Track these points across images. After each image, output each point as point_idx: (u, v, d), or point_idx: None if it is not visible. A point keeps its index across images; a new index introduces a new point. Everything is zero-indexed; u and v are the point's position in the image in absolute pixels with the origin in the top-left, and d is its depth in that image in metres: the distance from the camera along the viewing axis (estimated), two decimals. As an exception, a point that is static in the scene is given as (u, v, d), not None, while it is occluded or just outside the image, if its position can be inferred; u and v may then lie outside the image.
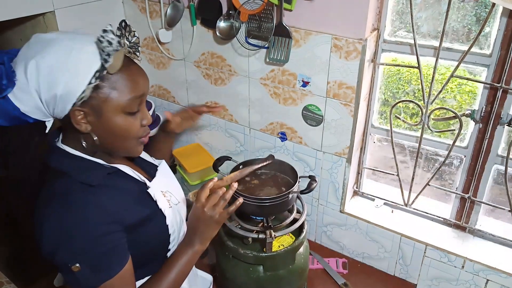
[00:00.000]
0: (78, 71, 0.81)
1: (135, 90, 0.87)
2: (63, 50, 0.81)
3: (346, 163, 1.57)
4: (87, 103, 0.84)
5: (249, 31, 1.53)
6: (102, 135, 0.89)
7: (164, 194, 1.03)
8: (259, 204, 1.32)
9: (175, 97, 1.97)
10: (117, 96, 0.85)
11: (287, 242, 1.40)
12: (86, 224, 0.83)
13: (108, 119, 0.87)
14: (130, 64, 0.88)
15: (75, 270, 0.82)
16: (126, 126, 0.89)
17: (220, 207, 0.98)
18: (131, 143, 0.94)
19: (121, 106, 0.86)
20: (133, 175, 0.99)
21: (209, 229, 0.99)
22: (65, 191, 0.86)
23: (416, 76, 1.41)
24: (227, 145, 1.90)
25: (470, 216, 1.52)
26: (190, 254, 0.99)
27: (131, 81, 0.87)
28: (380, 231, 1.61)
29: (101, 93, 0.84)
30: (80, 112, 0.85)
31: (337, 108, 1.49)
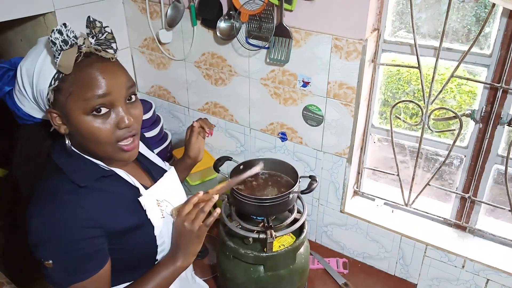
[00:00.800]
0: (42, 74, 0.84)
1: (94, 88, 0.82)
2: (36, 55, 0.86)
3: (347, 163, 1.57)
4: (56, 105, 0.85)
5: (250, 31, 1.53)
6: (77, 138, 0.88)
7: (159, 203, 1.00)
8: (260, 204, 1.32)
9: (175, 97, 1.97)
10: (75, 96, 0.82)
11: (288, 242, 1.40)
12: (68, 225, 0.83)
13: (74, 121, 0.84)
14: (96, 62, 0.84)
15: (47, 266, 0.83)
16: (93, 128, 0.84)
17: (199, 220, 0.94)
18: (108, 147, 0.88)
19: (82, 107, 0.83)
20: (128, 180, 0.97)
21: (191, 244, 0.96)
22: (55, 189, 0.86)
23: (416, 76, 1.41)
24: (227, 145, 1.90)
25: (470, 216, 1.52)
26: (172, 269, 0.96)
27: (90, 79, 0.82)
28: (380, 231, 1.61)
29: (63, 94, 0.83)
30: (53, 114, 0.86)
31: (338, 108, 1.49)
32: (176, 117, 2.03)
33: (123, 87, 0.87)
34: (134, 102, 0.90)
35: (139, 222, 0.94)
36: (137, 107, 0.91)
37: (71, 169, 0.89)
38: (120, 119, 0.86)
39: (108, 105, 0.85)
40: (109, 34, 0.88)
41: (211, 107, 1.86)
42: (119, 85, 0.86)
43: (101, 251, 0.88)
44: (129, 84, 0.88)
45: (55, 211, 0.84)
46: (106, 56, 0.86)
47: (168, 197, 1.05)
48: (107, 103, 0.84)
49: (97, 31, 0.86)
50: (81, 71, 0.82)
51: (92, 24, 0.86)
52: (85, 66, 0.83)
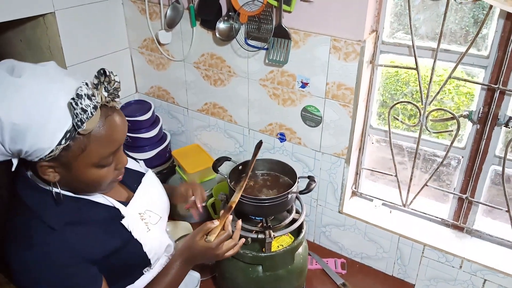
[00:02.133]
0: (47, 130, 0.73)
1: (110, 146, 0.81)
2: (30, 105, 0.71)
3: (345, 163, 1.58)
4: (56, 159, 0.78)
5: (249, 32, 1.54)
6: (72, 184, 0.85)
7: (142, 216, 1.00)
8: (258, 204, 1.32)
9: (174, 98, 1.98)
10: (90, 154, 0.79)
11: (286, 242, 1.40)
12: (51, 266, 0.82)
13: (78, 173, 0.82)
14: (107, 116, 0.80)
15: None
16: (99, 177, 0.85)
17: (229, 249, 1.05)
18: (103, 187, 0.89)
19: (93, 162, 0.81)
20: (106, 203, 0.94)
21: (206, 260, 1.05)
22: (30, 232, 0.82)
23: (414, 78, 1.42)
24: (226, 146, 1.91)
25: (467, 217, 1.53)
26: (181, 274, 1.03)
27: (105, 137, 0.80)
28: (378, 232, 1.62)
29: (72, 152, 0.78)
30: (47, 166, 0.79)
31: (336, 109, 1.50)
32: (175, 118, 2.03)
33: (125, 134, 0.86)
34: None
35: (123, 242, 0.93)
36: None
37: (42, 207, 0.84)
38: (121, 162, 0.88)
39: (114, 156, 0.86)
40: (117, 83, 0.81)
41: (210, 108, 1.86)
42: (124, 135, 0.85)
43: (91, 277, 0.88)
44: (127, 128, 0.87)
45: (35, 254, 0.81)
46: (113, 105, 0.82)
47: (149, 206, 1.04)
48: (116, 153, 0.85)
49: (111, 84, 0.80)
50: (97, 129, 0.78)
51: (108, 78, 0.79)
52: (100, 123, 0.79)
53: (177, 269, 1.01)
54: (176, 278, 1.01)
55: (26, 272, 0.82)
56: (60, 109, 0.73)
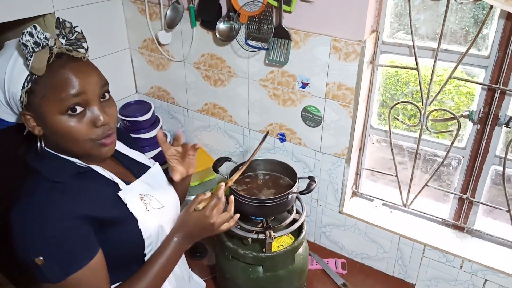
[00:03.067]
0: (14, 77, 0.83)
1: (68, 88, 0.84)
2: (5, 58, 0.85)
3: (345, 164, 1.58)
4: (29, 107, 0.85)
5: (249, 32, 1.54)
6: (53, 138, 0.89)
7: (142, 197, 1.01)
8: (259, 204, 1.32)
9: (174, 98, 1.98)
10: (50, 97, 0.83)
11: (287, 242, 1.40)
12: (47, 220, 0.84)
13: (49, 121, 0.85)
14: (68, 63, 0.85)
15: (39, 263, 0.83)
16: (69, 127, 0.86)
17: (225, 220, 1.02)
18: (86, 145, 0.89)
19: (58, 107, 0.84)
20: (106, 176, 0.97)
21: (203, 235, 1.03)
22: (32, 190, 0.87)
23: (415, 78, 1.42)
24: (226, 146, 1.91)
25: (468, 217, 1.53)
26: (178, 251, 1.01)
27: (66, 79, 0.84)
28: (379, 232, 1.62)
29: (36, 96, 0.84)
30: (27, 116, 0.86)
31: (336, 109, 1.50)
32: (175, 118, 2.03)
33: (97, 86, 0.88)
34: (108, 100, 0.92)
35: (121, 215, 0.95)
36: (111, 105, 0.93)
37: (45, 168, 0.89)
38: (96, 118, 0.88)
39: (82, 104, 0.86)
40: (79, 34, 0.88)
41: (210, 108, 1.86)
42: (92, 84, 0.87)
43: (88, 239, 0.88)
44: (102, 83, 0.90)
45: (34, 208, 0.85)
46: (77, 56, 0.87)
47: (151, 192, 1.05)
48: (82, 102, 0.86)
49: (67, 31, 0.86)
50: (53, 72, 0.83)
51: (62, 24, 0.86)
52: (57, 67, 0.83)
53: (175, 245, 1.00)
54: (174, 255, 1.00)
55: (22, 227, 0.84)
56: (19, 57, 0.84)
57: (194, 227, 1.00)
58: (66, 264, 0.85)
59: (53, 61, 0.83)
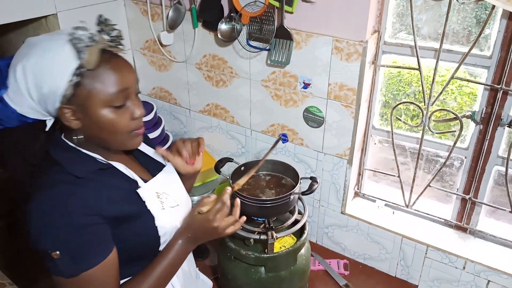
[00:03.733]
0: (57, 71, 0.83)
1: (117, 84, 0.88)
2: (44, 50, 0.84)
3: (347, 164, 1.58)
4: (72, 100, 0.86)
5: (250, 33, 1.54)
6: (92, 131, 0.91)
7: (159, 195, 1.02)
8: (261, 205, 1.32)
9: (176, 99, 1.98)
10: (99, 91, 0.86)
11: (289, 243, 1.40)
12: (68, 214, 0.85)
13: (94, 115, 0.88)
14: (112, 58, 0.88)
15: (54, 257, 0.84)
16: (113, 120, 0.90)
17: (230, 224, 1.02)
18: (123, 137, 0.94)
19: (105, 101, 0.87)
20: (126, 173, 0.99)
21: (208, 238, 1.02)
22: (53, 182, 0.88)
23: (417, 78, 1.41)
24: (228, 146, 1.91)
25: (471, 217, 1.52)
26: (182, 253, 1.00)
27: (112, 75, 0.87)
28: (381, 232, 1.62)
29: (83, 89, 0.85)
30: (67, 110, 0.87)
31: (338, 110, 1.50)
32: (177, 119, 2.03)
33: (135, 82, 0.93)
34: (138, 95, 0.97)
35: (138, 212, 0.96)
36: (139, 99, 0.98)
37: (68, 162, 0.91)
38: (134, 111, 0.93)
39: (125, 98, 0.91)
40: (119, 31, 0.91)
41: (212, 109, 1.86)
42: (132, 80, 0.92)
43: (104, 237, 0.90)
44: (137, 79, 0.96)
45: (53, 201, 0.86)
46: (117, 52, 0.91)
47: (168, 190, 1.06)
48: (124, 96, 0.90)
49: (109, 28, 0.89)
50: (100, 67, 0.86)
51: (105, 22, 0.88)
52: (103, 62, 0.86)
53: (179, 247, 1.00)
54: (178, 257, 1.00)
55: (42, 218, 0.85)
56: (64, 52, 0.84)
57: (198, 230, 1.00)
58: (81, 260, 0.86)
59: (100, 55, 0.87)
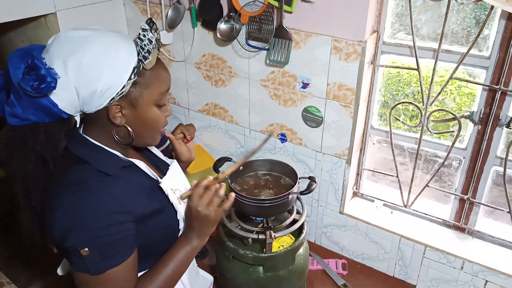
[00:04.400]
0: (118, 67, 0.85)
1: (166, 84, 0.94)
2: (102, 47, 0.85)
3: (346, 164, 1.58)
4: (125, 97, 0.88)
5: (250, 33, 1.54)
6: (133, 127, 0.94)
7: (174, 191, 1.04)
8: (259, 205, 1.32)
9: (175, 98, 1.98)
10: (152, 90, 0.91)
11: (287, 242, 1.40)
12: (100, 211, 0.86)
13: (142, 112, 0.92)
14: (158, 60, 0.93)
15: (84, 254, 0.84)
16: (157, 118, 0.95)
17: (215, 205, 0.98)
18: (157, 132, 0.99)
19: (155, 100, 0.92)
20: (146, 171, 1.02)
21: (206, 227, 0.99)
22: (82, 178, 0.88)
23: (416, 78, 1.42)
24: (227, 146, 1.91)
25: (469, 217, 1.52)
26: (189, 250, 0.99)
27: (161, 75, 0.93)
28: (379, 232, 1.62)
29: (138, 87, 0.89)
30: (117, 107, 0.89)
31: (337, 110, 1.50)
32: (176, 118, 2.03)
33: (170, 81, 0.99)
34: None
35: (161, 207, 0.98)
36: None
37: (96, 159, 0.92)
38: (168, 109, 0.99)
39: (166, 98, 0.97)
40: (158, 35, 0.95)
41: (211, 108, 1.87)
42: (170, 80, 0.98)
43: (130, 236, 0.91)
44: None
45: (83, 199, 0.86)
46: (159, 54, 0.96)
47: (178, 186, 1.08)
48: (166, 96, 0.97)
49: (157, 32, 0.94)
50: (154, 67, 0.91)
51: (155, 25, 0.93)
52: (156, 63, 0.92)
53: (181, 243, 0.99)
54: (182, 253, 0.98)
55: (71, 215, 0.85)
56: (125, 50, 0.86)
57: (190, 221, 1.00)
58: (108, 258, 0.87)
59: None
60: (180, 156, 1.25)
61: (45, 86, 0.80)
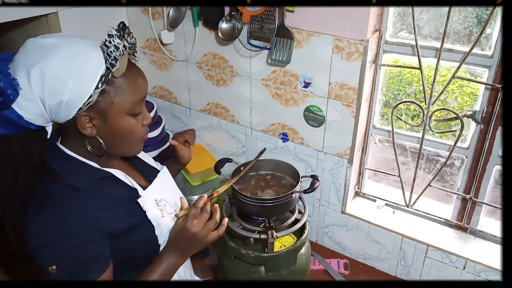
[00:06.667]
0: (84, 77, 0.81)
1: (138, 92, 0.89)
2: (68, 56, 0.80)
3: (348, 164, 1.57)
4: (93, 107, 0.84)
5: (251, 32, 1.54)
6: (106, 138, 0.90)
7: (158, 203, 1.02)
8: (262, 204, 1.32)
9: (177, 98, 1.98)
10: (123, 99, 0.86)
11: (289, 242, 1.40)
12: (68, 229, 0.84)
13: (114, 122, 0.87)
14: (131, 66, 0.88)
15: (51, 272, 0.83)
16: (131, 127, 0.90)
17: (210, 229, 0.98)
18: (134, 143, 0.95)
19: (127, 109, 0.87)
20: (126, 181, 0.98)
21: (193, 249, 1.00)
22: (53, 194, 0.86)
23: (418, 77, 1.41)
24: (228, 146, 1.91)
25: (471, 217, 1.52)
26: (169, 267, 0.98)
27: (134, 83, 0.87)
28: (381, 232, 1.61)
29: (107, 97, 0.84)
30: (86, 117, 0.85)
31: (339, 109, 1.50)
32: (177, 118, 2.03)
33: (147, 90, 0.94)
34: None
35: (139, 222, 0.95)
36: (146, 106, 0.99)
37: (68, 172, 0.88)
38: (145, 117, 0.95)
39: (141, 106, 0.92)
40: (135, 39, 0.91)
41: (212, 108, 1.86)
42: (147, 88, 0.93)
43: (102, 254, 0.88)
44: None
45: (54, 216, 0.84)
46: (134, 59, 0.90)
47: (165, 196, 1.06)
48: (141, 104, 0.92)
49: (130, 36, 0.89)
50: (125, 74, 0.86)
51: (127, 29, 0.87)
52: (128, 70, 0.86)
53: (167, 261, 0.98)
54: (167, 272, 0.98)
55: (41, 232, 0.84)
56: (93, 58, 0.82)
57: (180, 240, 0.98)
58: (76, 277, 0.85)
59: None
60: (183, 160, 1.27)
61: (2, 100, 0.76)
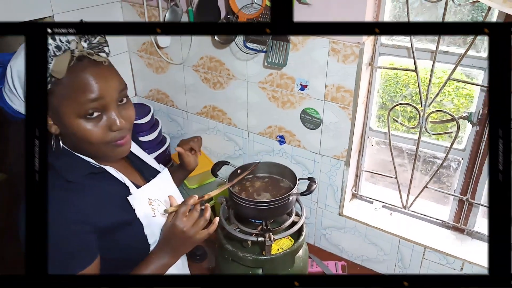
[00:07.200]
0: None
1: (87, 93, 0.84)
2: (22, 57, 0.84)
3: (345, 166, 1.58)
4: (49, 107, 0.84)
5: (247, 35, 1.54)
6: (69, 139, 0.90)
7: (151, 202, 1.01)
8: (259, 207, 1.32)
9: (173, 101, 1.98)
10: (68, 99, 0.83)
11: (286, 245, 1.40)
12: (59, 221, 0.84)
13: (66, 123, 0.85)
14: (89, 67, 0.85)
15: None
16: (85, 130, 0.86)
17: (200, 227, 0.96)
18: (102, 147, 0.90)
19: (75, 110, 0.84)
20: (120, 179, 0.97)
21: (184, 247, 0.98)
22: None
23: (414, 79, 1.42)
24: (226, 148, 1.91)
25: (468, 218, 1.52)
26: (159, 267, 0.97)
27: (83, 83, 0.83)
28: (378, 234, 1.61)
29: (55, 97, 0.83)
30: None
31: (335, 111, 1.50)
32: (174, 121, 2.03)
33: (115, 91, 0.88)
34: (125, 104, 0.93)
35: (128, 219, 0.95)
36: (128, 108, 0.93)
37: (60, 164, 0.89)
38: (113, 122, 0.88)
39: (100, 108, 0.86)
40: (101, 38, 0.88)
41: (209, 111, 1.86)
42: (111, 89, 0.87)
43: (89, 248, 0.88)
44: (121, 88, 0.90)
45: None
46: (98, 59, 0.86)
47: (160, 197, 1.05)
48: (99, 107, 0.86)
49: (94, 37, 0.87)
50: (74, 75, 0.83)
51: None
52: (78, 70, 0.83)
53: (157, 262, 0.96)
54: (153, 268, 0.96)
55: None
56: None
57: (171, 240, 0.97)
58: (61, 268, 0.85)
59: (74, 64, 0.83)
60: (188, 167, 1.27)
61: None
